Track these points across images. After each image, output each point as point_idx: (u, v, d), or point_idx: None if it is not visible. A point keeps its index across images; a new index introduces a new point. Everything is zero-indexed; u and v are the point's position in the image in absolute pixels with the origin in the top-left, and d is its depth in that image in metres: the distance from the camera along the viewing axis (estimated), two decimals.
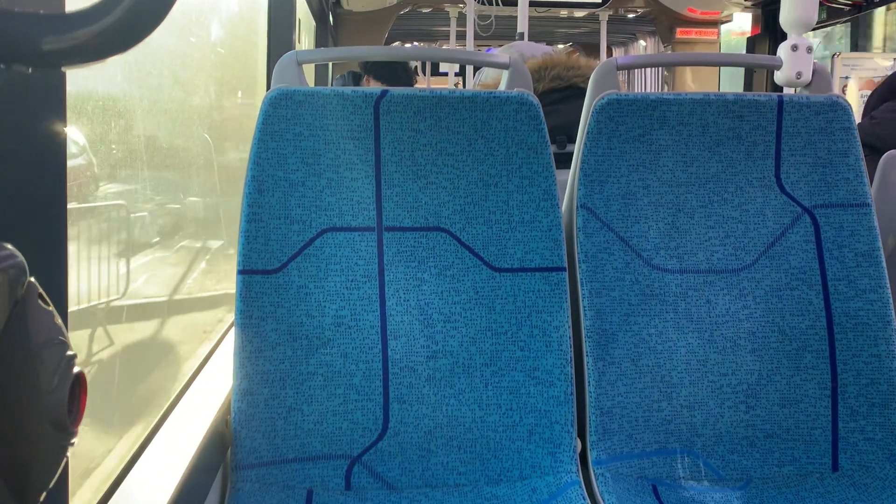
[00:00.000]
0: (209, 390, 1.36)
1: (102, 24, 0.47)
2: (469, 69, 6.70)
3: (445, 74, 9.97)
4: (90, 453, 1.04)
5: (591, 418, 1.27)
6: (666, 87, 6.85)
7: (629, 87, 7.89)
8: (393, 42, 8.20)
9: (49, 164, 0.66)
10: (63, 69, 0.62)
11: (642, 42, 7.66)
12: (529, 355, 1.28)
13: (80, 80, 1.02)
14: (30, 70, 0.49)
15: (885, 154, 1.89)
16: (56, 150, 0.67)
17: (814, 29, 1.52)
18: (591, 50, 7.91)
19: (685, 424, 1.30)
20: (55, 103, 0.66)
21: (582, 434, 1.28)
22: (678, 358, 1.32)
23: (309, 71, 1.44)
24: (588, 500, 1.18)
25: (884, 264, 1.36)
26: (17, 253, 0.47)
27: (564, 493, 1.20)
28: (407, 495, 1.22)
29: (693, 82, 6.04)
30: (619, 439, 1.27)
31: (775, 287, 1.36)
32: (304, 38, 3.85)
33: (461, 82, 9.48)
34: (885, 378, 1.32)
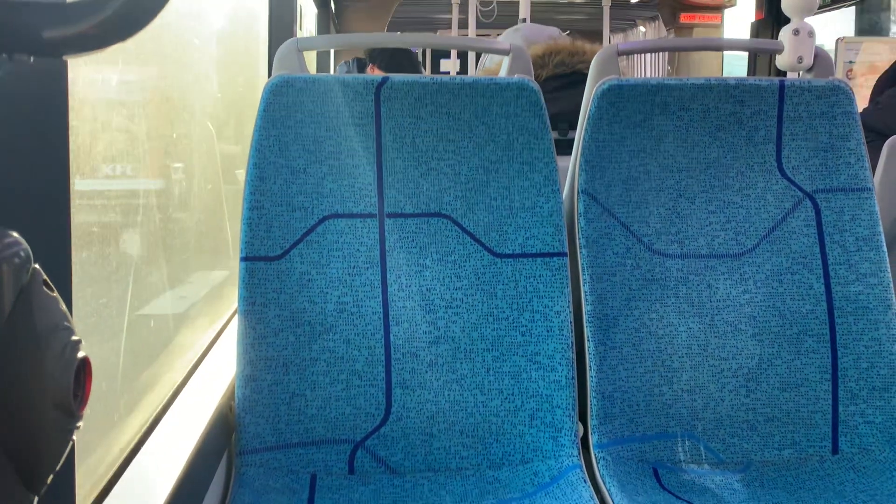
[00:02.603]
0: (213, 376, 1.37)
1: (104, 12, 0.47)
2: (471, 62, 6.68)
3: (447, 73, 9.91)
4: None
5: (592, 402, 1.27)
6: (668, 69, 6.82)
7: (629, 68, 7.86)
8: (394, 30, 8.17)
9: (53, 151, 0.67)
10: (65, 58, 0.62)
11: (641, 28, 7.63)
12: (531, 340, 1.29)
13: None
14: (32, 59, 0.49)
15: (889, 139, 1.89)
16: (59, 137, 0.67)
17: (818, 12, 1.51)
18: (588, 37, 7.87)
19: (686, 408, 1.31)
20: (58, 92, 0.66)
21: (583, 418, 1.29)
22: (679, 342, 1.33)
23: (310, 57, 1.44)
24: (589, 484, 1.19)
25: (884, 248, 1.36)
26: (22, 240, 0.47)
27: (566, 476, 1.21)
28: (410, 479, 1.24)
29: (698, 62, 6.01)
30: (620, 423, 1.28)
31: (776, 271, 1.36)
32: (306, 24, 3.83)
33: None
34: (885, 362, 1.33)
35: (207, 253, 1.62)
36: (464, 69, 8.58)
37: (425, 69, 9.36)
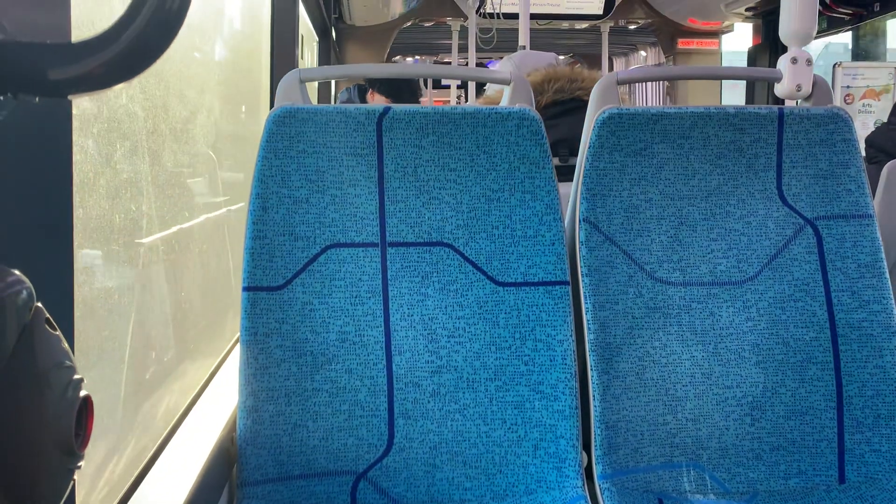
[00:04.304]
0: (215, 407, 1.37)
1: (107, 53, 0.48)
2: (472, 83, 6.72)
3: (448, 87, 10.08)
4: None
5: (596, 432, 1.27)
6: (668, 101, 6.87)
7: (630, 93, 7.90)
8: (395, 56, 8.23)
9: (57, 190, 0.67)
10: (69, 98, 0.63)
11: (643, 52, 7.68)
12: (534, 370, 1.28)
13: None
14: (37, 99, 0.50)
15: (889, 163, 1.90)
16: (63, 176, 0.68)
17: (815, 38, 1.51)
18: (591, 61, 7.94)
19: (691, 438, 1.30)
20: (62, 131, 0.67)
21: (587, 448, 1.28)
22: (683, 371, 1.32)
23: (311, 83, 1.44)
24: None
25: (887, 275, 1.36)
26: (25, 279, 0.47)
27: None
28: None
29: (696, 88, 6.07)
30: (624, 453, 1.27)
31: (779, 299, 1.36)
32: (307, 52, 3.86)
33: (463, 94, 9.50)
34: (890, 389, 1.32)
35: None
36: (464, 86, 8.66)
37: (427, 86, 9.47)
